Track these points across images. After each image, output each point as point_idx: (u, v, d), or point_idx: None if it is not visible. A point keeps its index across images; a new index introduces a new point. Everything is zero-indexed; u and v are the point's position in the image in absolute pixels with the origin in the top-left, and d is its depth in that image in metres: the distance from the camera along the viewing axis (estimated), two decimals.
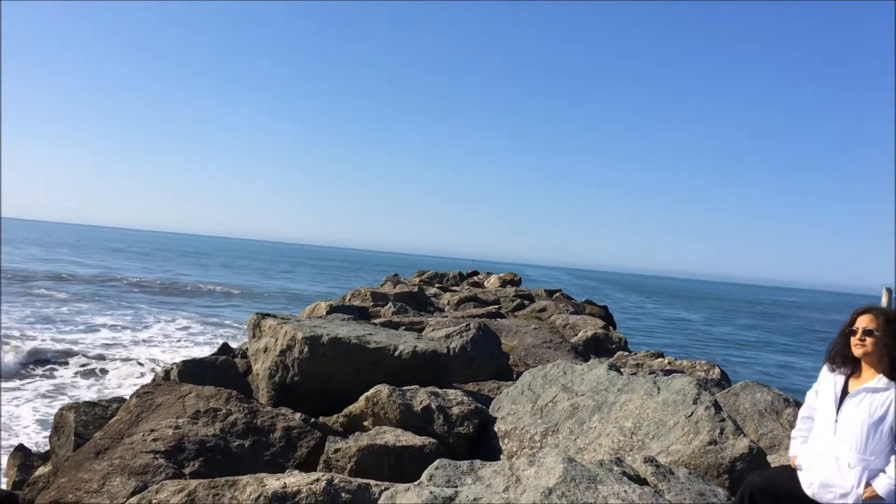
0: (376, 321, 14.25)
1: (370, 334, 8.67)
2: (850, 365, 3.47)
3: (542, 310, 22.38)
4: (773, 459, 6.29)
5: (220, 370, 8.60)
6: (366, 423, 7.08)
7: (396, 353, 8.20)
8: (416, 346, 8.33)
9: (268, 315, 9.12)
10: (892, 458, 3.24)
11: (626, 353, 15.54)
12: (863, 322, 3.39)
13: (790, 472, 3.59)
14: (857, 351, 3.40)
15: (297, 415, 6.92)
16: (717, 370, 12.33)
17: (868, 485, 3.25)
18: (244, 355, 10.53)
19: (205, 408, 6.68)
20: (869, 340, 3.34)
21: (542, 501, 3.80)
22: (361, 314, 15.04)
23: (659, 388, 6.28)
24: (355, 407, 7.21)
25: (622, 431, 6.00)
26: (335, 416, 7.51)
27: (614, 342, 17.35)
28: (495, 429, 6.92)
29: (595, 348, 15.80)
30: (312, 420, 6.95)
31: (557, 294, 29.49)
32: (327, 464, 6.03)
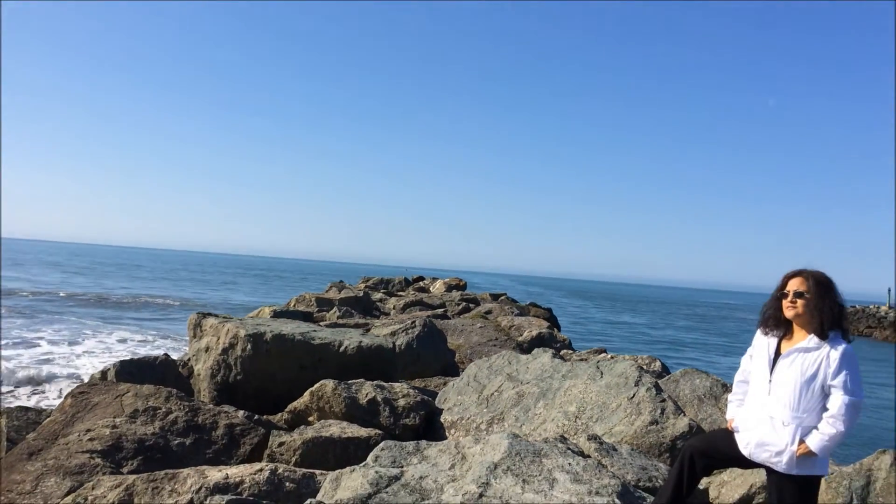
0: (321, 324, 14.13)
1: (315, 331, 8.58)
2: (782, 327, 3.56)
3: (488, 312, 22.49)
4: None
5: (160, 370, 8.39)
6: (311, 419, 6.99)
7: (342, 348, 8.13)
8: (361, 342, 8.28)
9: (209, 314, 8.95)
10: (824, 415, 3.37)
11: (571, 352, 15.73)
12: (794, 285, 3.49)
13: (728, 434, 3.67)
14: (788, 313, 3.48)
15: (241, 412, 6.79)
16: (657, 363, 12.57)
17: (801, 441, 3.34)
18: (185, 366, 10.31)
19: (143, 406, 6.50)
20: (800, 302, 3.43)
21: (486, 476, 3.81)
22: (306, 319, 14.90)
23: (602, 373, 6.37)
24: (300, 402, 7.12)
25: (567, 416, 6.06)
26: (280, 413, 7.40)
27: (559, 342, 17.54)
28: (441, 420, 6.92)
29: (540, 347, 15.96)
30: (256, 417, 6.84)
31: (503, 297, 29.69)
32: (271, 458, 5.94)
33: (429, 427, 6.94)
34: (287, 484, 4.75)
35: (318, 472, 4.97)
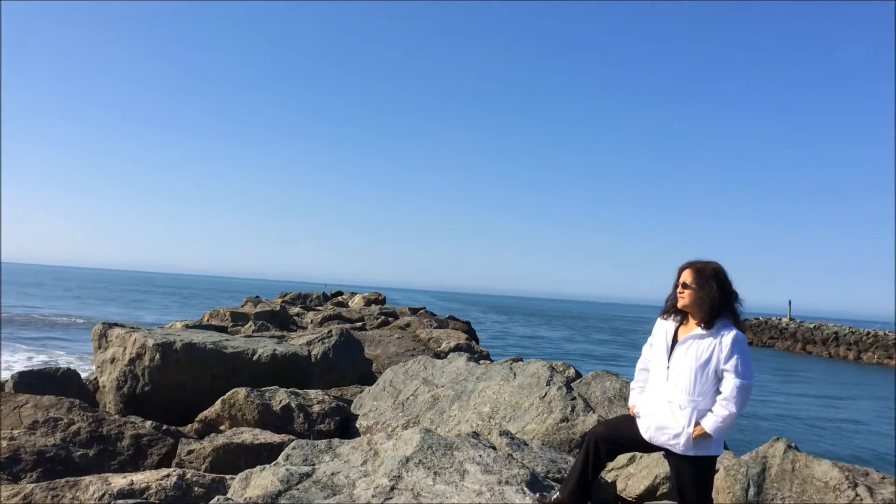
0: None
1: (227, 340, 8.42)
2: (679, 316, 3.75)
3: (407, 325, 22.49)
4: None
5: (62, 382, 8.02)
6: (222, 427, 6.84)
7: (255, 356, 8.00)
8: (275, 350, 8.17)
9: (115, 324, 8.65)
10: (717, 398, 3.55)
11: (489, 362, 15.90)
12: (683, 276, 3.70)
13: (630, 420, 3.81)
14: (679, 302, 3.69)
15: (148, 423, 6.58)
16: (572, 370, 12.84)
17: (697, 424, 3.51)
18: (91, 383, 9.90)
19: (44, 417, 6.23)
20: (687, 293, 3.63)
21: (398, 469, 3.83)
22: (221, 333, 14.56)
23: (515, 374, 6.48)
24: (211, 411, 6.96)
25: (480, 416, 6.14)
26: (190, 424, 7.21)
27: (476, 353, 17.69)
28: (357, 425, 6.89)
29: None
30: (165, 427, 6.64)
31: (421, 311, 29.73)
32: (180, 466, 5.78)
33: (344, 433, 6.89)
34: (196, 489, 4.64)
35: (228, 476, 4.87)
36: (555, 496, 3.77)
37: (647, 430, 3.64)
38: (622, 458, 5.49)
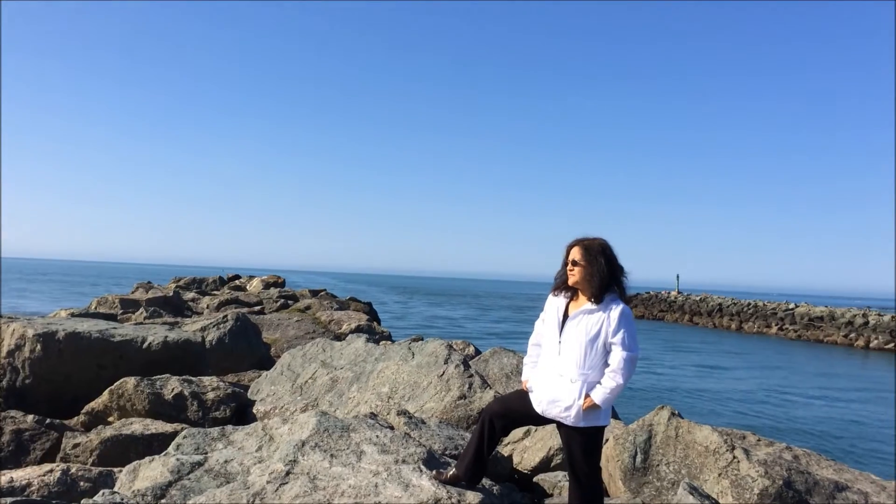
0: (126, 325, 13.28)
1: (115, 328, 8.07)
2: (569, 292, 3.86)
3: (307, 308, 22.19)
4: None
5: None
6: (111, 419, 6.58)
7: (145, 344, 7.71)
8: (167, 337, 7.90)
9: None
10: (606, 370, 3.69)
11: (389, 343, 15.94)
12: (572, 254, 3.80)
13: (523, 395, 3.91)
14: (569, 279, 3.79)
15: (30, 417, 6.25)
16: (471, 347, 13.02)
17: (587, 396, 3.65)
18: None
19: None
20: (576, 269, 3.72)
21: (294, 453, 3.79)
22: (109, 321, 13.93)
23: (414, 354, 6.52)
24: (98, 402, 6.68)
25: (380, 397, 6.15)
26: (76, 416, 6.89)
27: (378, 333, 17.68)
28: (254, 411, 6.77)
29: None
30: (49, 421, 6.32)
31: (322, 293, 29.39)
32: (65, 460, 5.52)
33: (241, 419, 6.76)
34: (82, 483, 4.45)
35: (116, 469, 4.69)
36: (451, 472, 3.82)
37: (539, 404, 3.74)
38: (517, 432, 5.64)
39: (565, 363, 3.69)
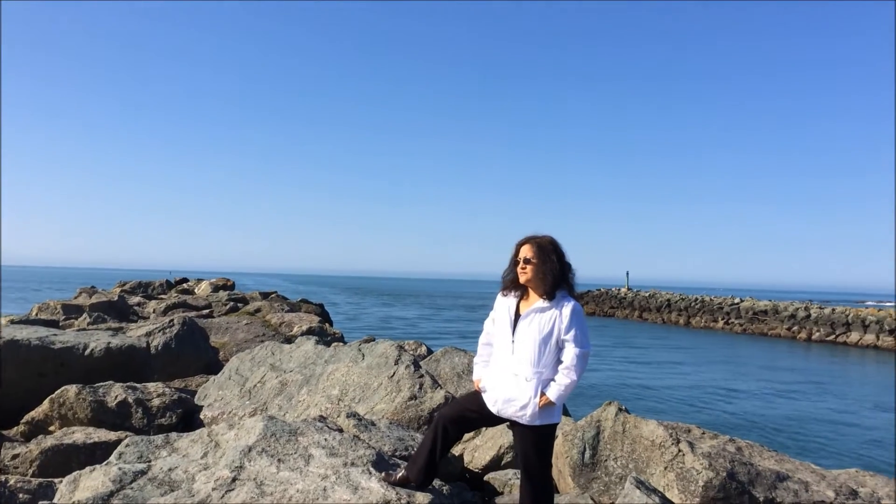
0: (68, 331, 12.91)
1: (55, 335, 7.84)
2: (519, 290, 3.86)
3: (257, 310, 21.89)
4: None
5: None
6: (52, 428, 6.39)
7: (87, 351, 7.51)
8: (110, 343, 7.70)
9: None
10: (559, 367, 3.70)
11: (342, 345, 15.83)
12: (523, 252, 3.74)
13: (476, 396, 3.91)
14: (521, 278, 3.73)
15: None
16: (423, 348, 13.02)
17: (542, 394, 3.66)
18: None
19: None
20: (529, 267, 3.69)
21: (240, 459, 3.73)
22: (50, 328, 13.53)
23: (364, 355, 6.48)
24: (38, 412, 6.47)
25: (329, 399, 6.10)
26: (16, 426, 6.68)
27: (330, 335, 17.55)
28: (201, 416, 6.65)
29: None
30: None
31: (273, 295, 29.04)
32: (4, 472, 5.34)
33: (188, 425, 6.63)
34: (21, 495, 4.32)
35: (57, 480, 4.56)
36: (400, 474, 3.81)
37: (494, 404, 3.74)
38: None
39: (519, 362, 3.70)
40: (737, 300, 62.48)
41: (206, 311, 19.54)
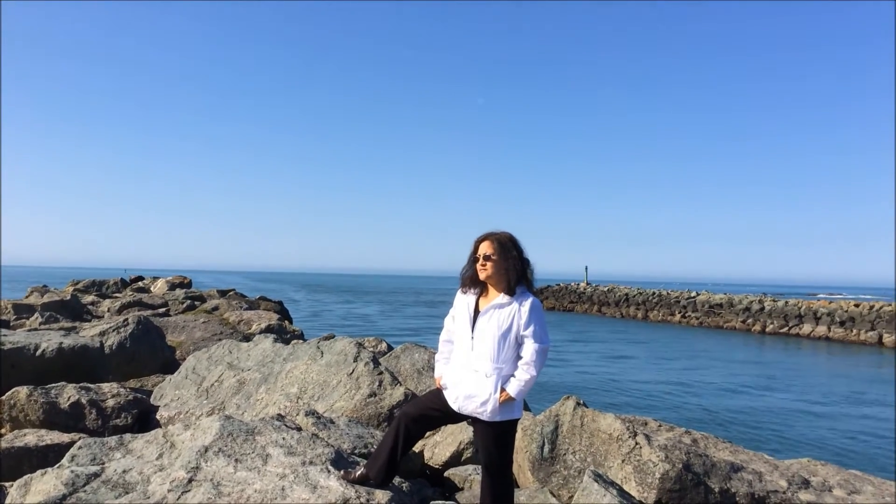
0: (19, 332, 12.58)
1: (5, 335, 7.65)
2: (478, 287, 3.86)
3: (215, 308, 21.61)
4: None
5: None
6: (3, 431, 6.23)
7: (38, 352, 7.34)
8: (62, 343, 7.54)
9: None
10: (519, 362, 3.70)
11: (301, 342, 15.72)
12: (483, 248, 3.74)
13: (438, 394, 3.90)
14: (481, 275, 3.72)
15: None
16: (384, 344, 12.99)
17: (503, 389, 3.66)
18: None
19: None
20: (489, 264, 3.69)
21: (196, 460, 3.68)
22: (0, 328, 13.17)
23: (322, 352, 6.45)
24: None
25: (288, 397, 6.05)
26: None
27: (289, 333, 17.40)
28: (158, 417, 6.54)
29: None
30: None
31: (231, 293, 28.71)
32: None
33: (143, 426, 6.53)
34: None
35: (8, 484, 4.45)
36: (360, 472, 3.80)
37: (455, 401, 3.74)
38: None
39: (479, 358, 3.71)
40: (693, 294, 63.56)
41: (162, 310, 19.23)
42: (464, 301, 3.89)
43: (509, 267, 3.72)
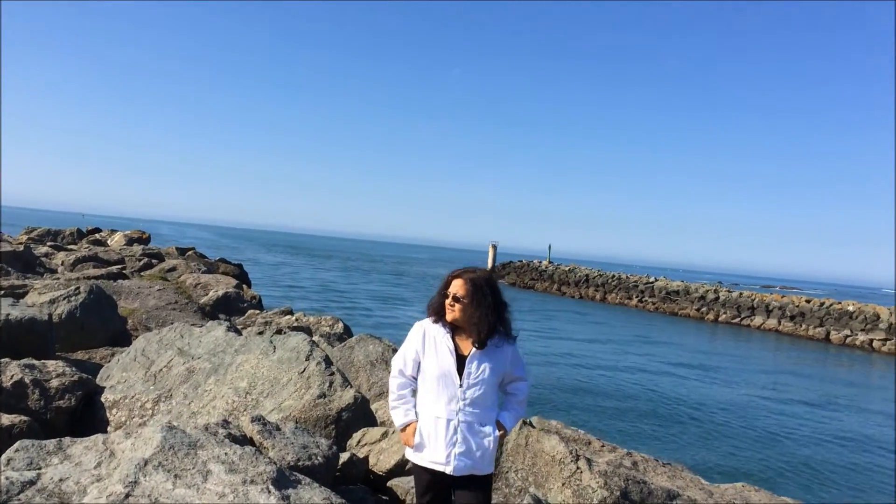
0: None
1: None
2: (448, 324, 3.46)
3: (172, 269, 21.34)
4: (381, 405, 6.84)
5: None
6: None
7: None
8: (9, 315, 7.36)
9: None
10: (513, 399, 3.55)
11: (257, 312, 15.57)
12: (454, 287, 3.40)
13: (423, 472, 3.46)
14: (448, 315, 3.40)
15: None
16: (340, 325, 12.99)
17: (500, 426, 3.46)
18: None
19: None
20: (458, 306, 3.36)
21: (135, 474, 3.64)
22: None
23: (275, 347, 6.40)
24: None
25: (237, 392, 6.01)
26: None
27: (247, 301, 17.26)
28: (103, 399, 6.45)
29: (226, 308, 15.57)
30: None
31: (190, 252, 28.36)
32: None
33: (88, 407, 6.44)
34: None
35: None
36: None
37: (448, 463, 3.39)
38: (375, 433, 5.67)
39: (474, 411, 3.41)
40: (651, 279, 64.44)
41: (117, 268, 18.91)
42: (438, 339, 3.47)
43: (481, 316, 3.38)
